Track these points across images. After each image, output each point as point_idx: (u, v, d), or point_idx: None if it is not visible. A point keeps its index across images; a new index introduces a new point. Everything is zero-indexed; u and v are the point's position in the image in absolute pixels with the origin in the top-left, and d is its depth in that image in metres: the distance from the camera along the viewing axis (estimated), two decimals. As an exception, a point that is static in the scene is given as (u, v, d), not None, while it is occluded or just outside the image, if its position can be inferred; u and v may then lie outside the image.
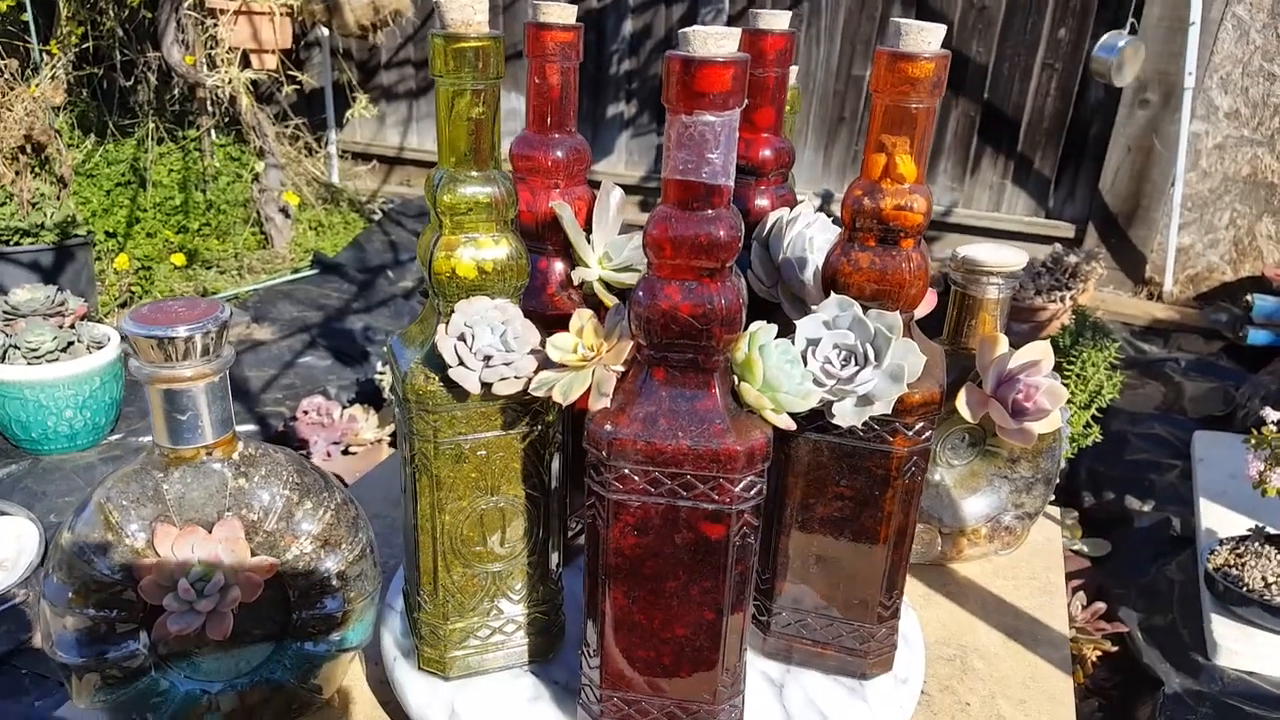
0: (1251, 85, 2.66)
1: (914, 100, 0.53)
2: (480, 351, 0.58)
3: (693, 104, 0.48)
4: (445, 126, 0.57)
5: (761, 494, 0.55)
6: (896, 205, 0.55)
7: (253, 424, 2.14)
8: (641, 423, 0.54)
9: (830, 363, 0.57)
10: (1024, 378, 0.69)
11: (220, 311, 0.54)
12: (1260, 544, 1.44)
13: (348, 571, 0.59)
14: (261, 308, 2.71)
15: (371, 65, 3.71)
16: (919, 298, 0.58)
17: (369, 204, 3.50)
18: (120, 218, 2.96)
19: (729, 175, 0.50)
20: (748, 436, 0.53)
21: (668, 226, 0.51)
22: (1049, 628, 0.77)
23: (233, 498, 0.55)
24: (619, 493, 0.55)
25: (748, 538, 0.56)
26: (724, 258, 0.51)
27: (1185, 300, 2.84)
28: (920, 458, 0.61)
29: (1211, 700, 1.37)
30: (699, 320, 0.52)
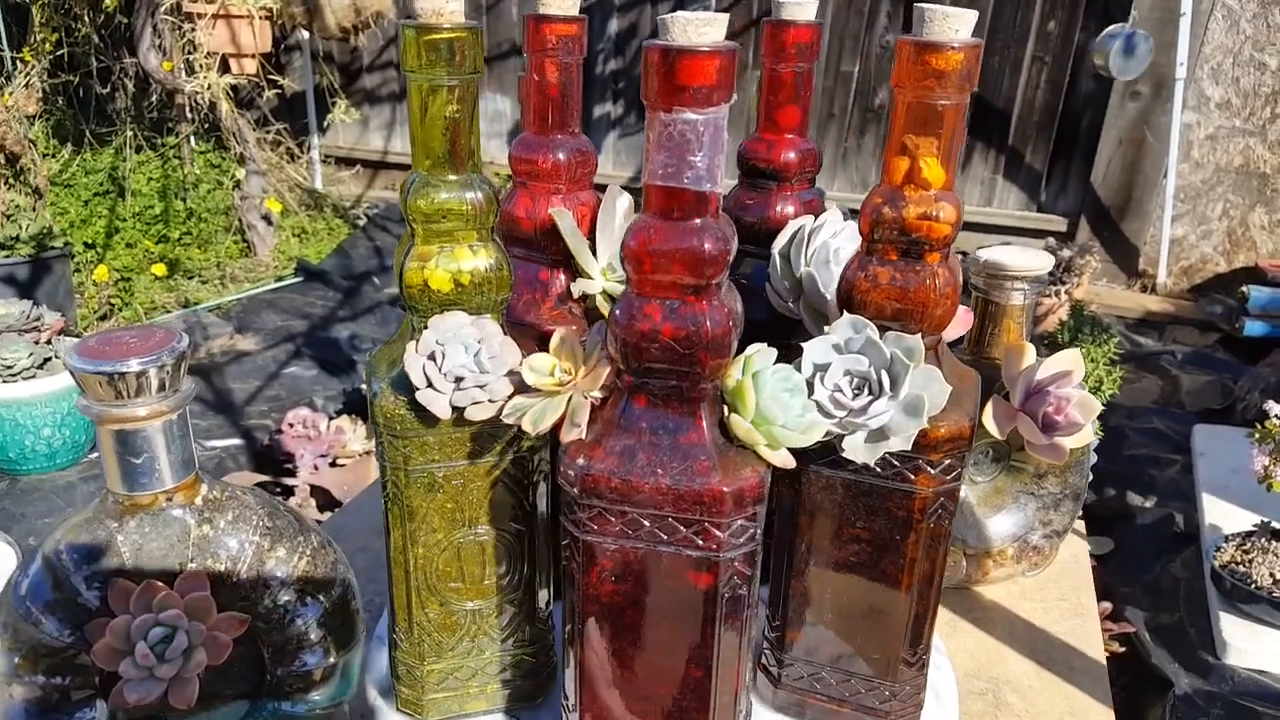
0: (1242, 75, 2.63)
1: (941, 96, 0.47)
2: (451, 373, 0.54)
3: (673, 100, 0.43)
4: (419, 126, 0.53)
5: (755, 540, 0.50)
6: (921, 214, 0.50)
7: (237, 438, 2.10)
8: (618, 457, 0.48)
9: (840, 391, 0.51)
10: (1054, 389, 0.65)
11: (177, 341, 0.49)
12: (1267, 539, 1.42)
13: (328, 623, 0.55)
14: (245, 318, 2.67)
15: (354, 68, 3.66)
16: (946, 318, 0.52)
17: (353, 209, 3.46)
18: (99, 228, 2.92)
19: (716, 180, 0.45)
20: (737, 475, 0.48)
21: (647, 238, 0.45)
22: (1084, 655, 0.73)
23: (196, 547, 0.51)
24: (593, 534, 0.50)
25: (740, 589, 0.50)
26: (711, 274, 0.46)
27: (1179, 292, 2.82)
28: (948, 499, 0.55)
29: (1223, 701, 1.35)
30: (682, 344, 0.46)
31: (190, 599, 0.50)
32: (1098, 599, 1.28)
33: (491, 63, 3.53)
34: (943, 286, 0.51)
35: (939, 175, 0.49)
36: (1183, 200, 2.76)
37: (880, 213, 0.50)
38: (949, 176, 0.50)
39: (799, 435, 0.50)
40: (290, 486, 1.94)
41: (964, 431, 0.53)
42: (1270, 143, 2.66)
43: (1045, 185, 2.98)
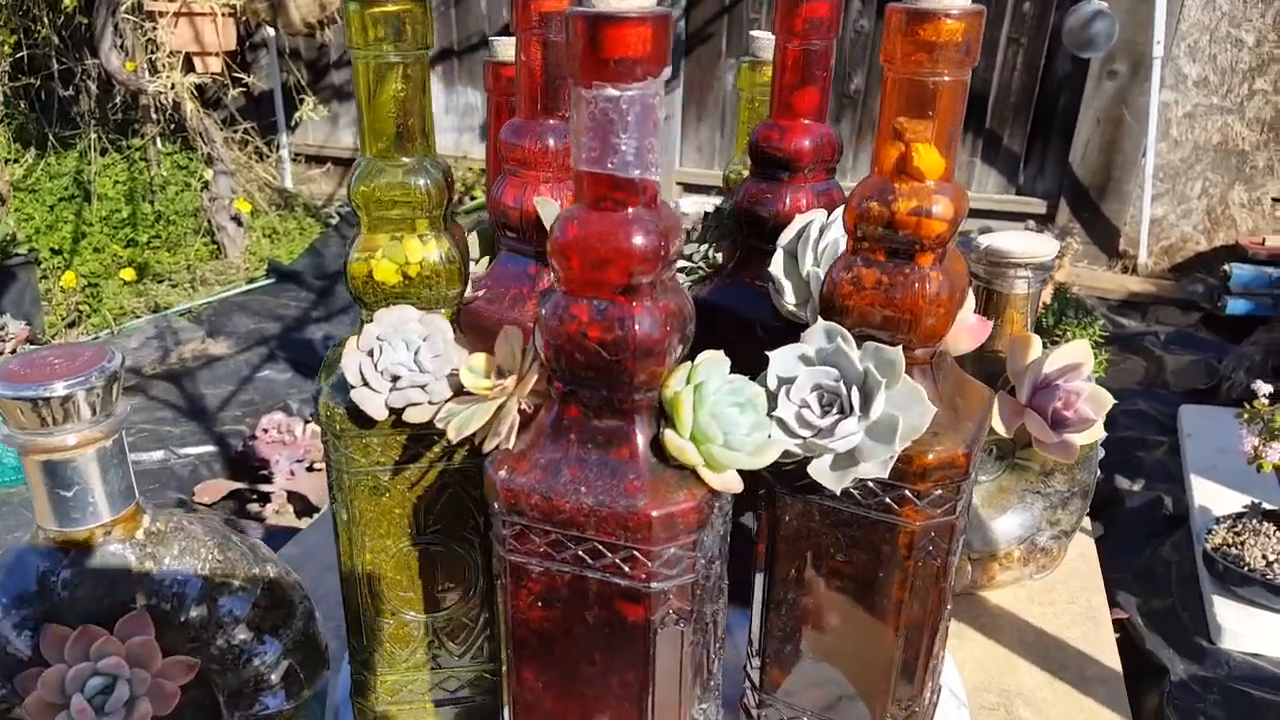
0: (1219, 52, 2.62)
1: (937, 72, 0.42)
2: (388, 371, 0.50)
3: (594, 74, 0.38)
4: (366, 108, 0.50)
5: (696, 571, 0.44)
6: (912, 209, 0.44)
7: (211, 445, 2.06)
8: (542, 471, 0.44)
9: (808, 408, 0.46)
10: (1063, 383, 0.62)
11: (108, 359, 0.45)
12: (1258, 521, 1.41)
13: (289, 660, 0.51)
14: (216, 321, 2.62)
15: (321, 64, 3.60)
16: (941, 328, 0.46)
17: (325, 208, 3.41)
18: (65, 234, 2.86)
19: (647, 166, 0.40)
20: (669, 499, 0.43)
21: (572, 230, 0.41)
22: (1098, 662, 0.70)
23: (139, 585, 0.47)
24: (518, 554, 0.46)
25: (679, 624, 0.45)
26: (641, 270, 0.41)
27: (1160, 272, 2.81)
28: (942, 536, 0.49)
29: (1219, 686, 1.35)
30: (609, 349, 0.42)
31: (132, 644, 0.46)
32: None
33: (462, 56, 3.47)
34: (936, 292, 0.45)
35: (935, 163, 0.44)
36: (1162, 179, 2.75)
37: (866, 207, 0.45)
38: (948, 165, 0.45)
39: (747, 456, 0.44)
40: (266, 493, 1.90)
41: (958, 460, 0.47)
42: (1248, 119, 2.64)
43: (1024, 167, 2.96)
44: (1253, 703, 1.32)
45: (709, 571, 0.46)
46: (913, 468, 0.47)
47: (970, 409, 0.50)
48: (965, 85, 0.43)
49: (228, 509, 1.89)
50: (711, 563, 0.46)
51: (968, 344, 0.53)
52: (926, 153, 0.44)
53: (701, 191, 3.27)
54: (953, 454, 0.47)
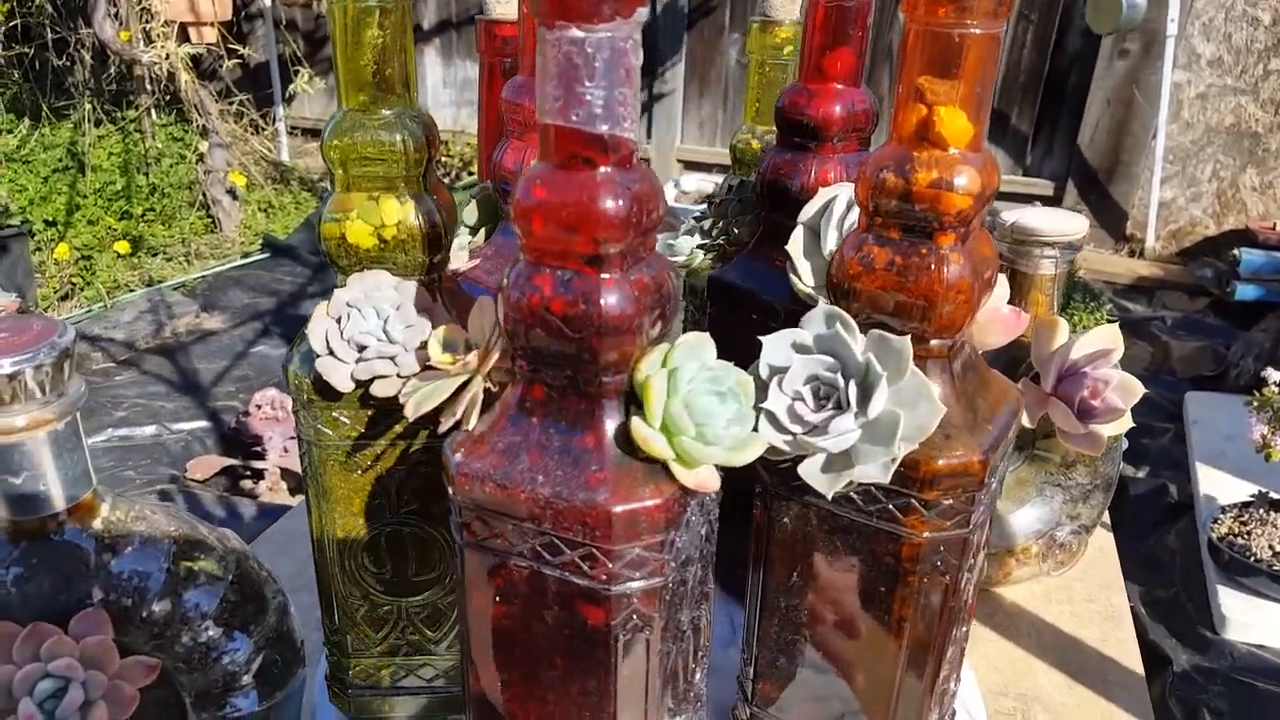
0: (1235, 31, 2.57)
1: (965, 24, 0.37)
2: (354, 340, 0.47)
3: (557, 12, 0.34)
4: (341, 58, 0.47)
5: (665, 574, 0.40)
6: (932, 181, 0.39)
7: (204, 420, 2.04)
8: (500, 456, 0.41)
9: (802, 401, 0.41)
10: (1091, 371, 0.58)
11: (59, 334, 0.41)
12: (1265, 510, 1.39)
13: (261, 658, 0.48)
14: (211, 295, 2.59)
15: (318, 36, 3.55)
16: (959, 317, 0.41)
17: (321, 182, 3.36)
18: (59, 205, 2.82)
19: (617, 120, 0.36)
20: (634, 494, 0.39)
21: (535, 190, 0.37)
22: (1119, 665, 0.67)
23: (96, 579, 0.44)
24: (474, 543, 0.43)
25: (643, 632, 0.41)
26: (610, 238, 0.37)
27: (1168, 256, 2.77)
28: (953, 552, 0.44)
29: (1222, 677, 1.33)
30: (571, 324, 0.38)
31: (87, 644, 0.43)
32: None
33: (461, 28, 3.42)
34: (956, 277, 0.40)
35: (962, 129, 0.39)
36: (1172, 161, 2.70)
37: (881, 178, 0.40)
38: (977, 132, 0.39)
39: (724, 451, 0.40)
40: (260, 470, 1.87)
41: (972, 468, 0.42)
42: (1262, 101, 2.60)
43: (1031, 147, 2.91)
44: (1257, 695, 1.31)
45: (683, 575, 0.42)
46: (919, 474, 0.42)
47: (993, 411, 0.45)
48: (998, 41, 0.38)
49: (220, 485, 1.86)
50: (686, 566, 0.43)
51: (999, 338, 0.48)
52: (951, 117, 0.39)
53: (703, 169, 3.22)
54: (967, 461, 0.42)
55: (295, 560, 0.75)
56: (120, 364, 2.25)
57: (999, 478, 0.46)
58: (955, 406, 0.42)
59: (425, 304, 0.49)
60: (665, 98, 3.21)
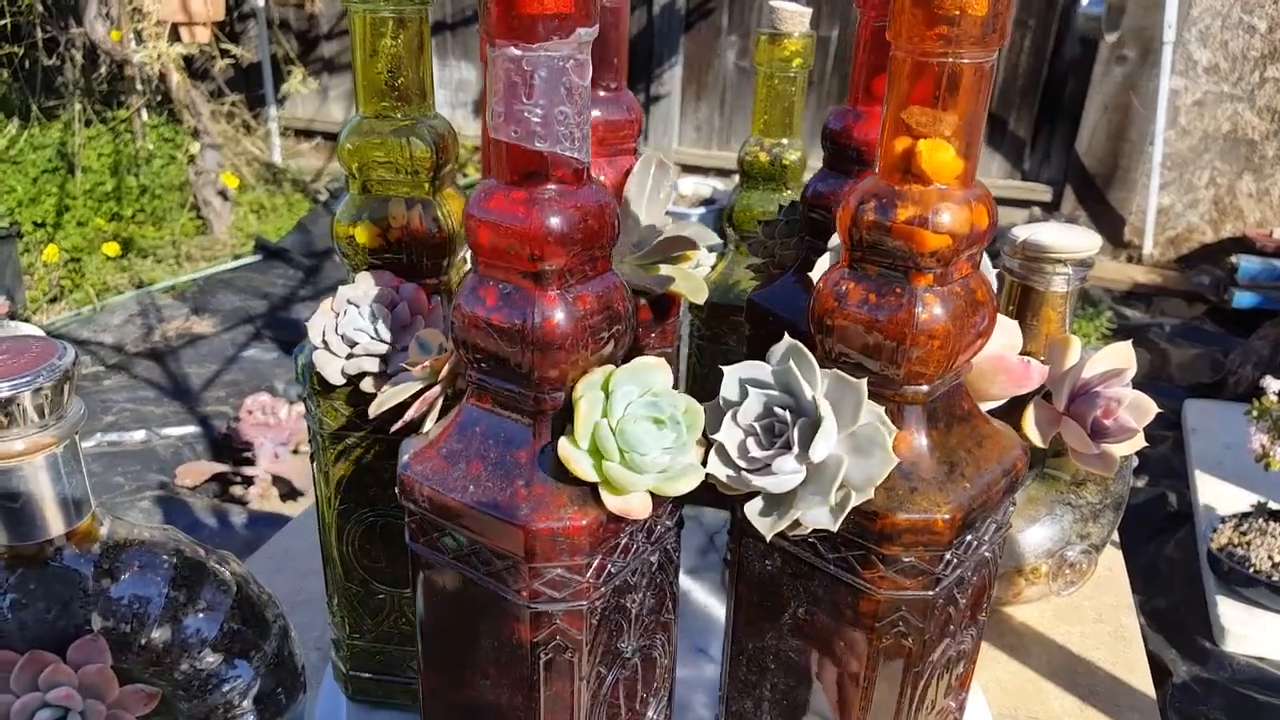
0: (1231, 38, 2.57)
1: (955, 52, 0.35)
2: (348, 336, 0.49)
3: (499, 30, 0.34)
4: (360, 65, 0.49)
5: (591, 598, 0.40)
6: (909, 218, 0.37)
7: (194, 425, 2.01)
8: (442, 461, 0.41)
9: (755, 436, 0.40)
10: (1104, 390, 0.57)
11: (59, 355, 0.40)
12: (1265, 520, 1.39)
13: (261, 685, 0.46)
14: (201, 298, 2.57)
15: (311, 36, 3.53)
16: (932, 366, 0.38)
17: (314, 184, 3.34)
18: (49, 206, 2.79)
19: (556, 139, 0.36)
20: (557, 514, 0.38)
21: (482, 202, 0.38)
22: (1131, 687, 0.66)
23: (94, 605, 0.42)
24: (418, 545, 0.43)
25: (567, 654, 0.41)
26: (548, 256, 0.37)
27: (1166, 263, 2.77)
28: (914, 613, 0.40)
29: (1222, 689, 1.33)
30: (507, 338, 0.38)
31: (86, 672, 0.41)
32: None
33: (456, 29, 3.40)
34: (928, 321, 0.38)
35: (944, 164, 0.36)
36: (1169, 168, 2.70)
37: (860, 211, 0.38)
38: (966, 167, 0.37)
39: (654, 479, 0.39)
40: (250, 476, 1.85)
41: (936, 526, 0.39)
42: (1259, 108, 2.60)
43: (1029, 153, 2.91)
44: (1257, 707, 1.31)
45: (621, 602, 0.42)
46: (877, 526, 0.39)
47: (980, 467, 0.41)
48: (990, 70, 0.36)
49: (210, 492, 1.84)
50: (625, 593, 0.42)
51: (1003, 389, 0.45)
52: (932, 151, 0.36)
53: (700, 172, 3.21)
54: (930, 518, 0.39)
55: (292, 576, 0.73)
56: (109, 368, 2.22)
57: (990, 537, 0.43)
58: (927, 458, 0.40)
59: (422, 306, 0.51)
60: (662, 100, 3.20)
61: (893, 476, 0.39)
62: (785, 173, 0.69)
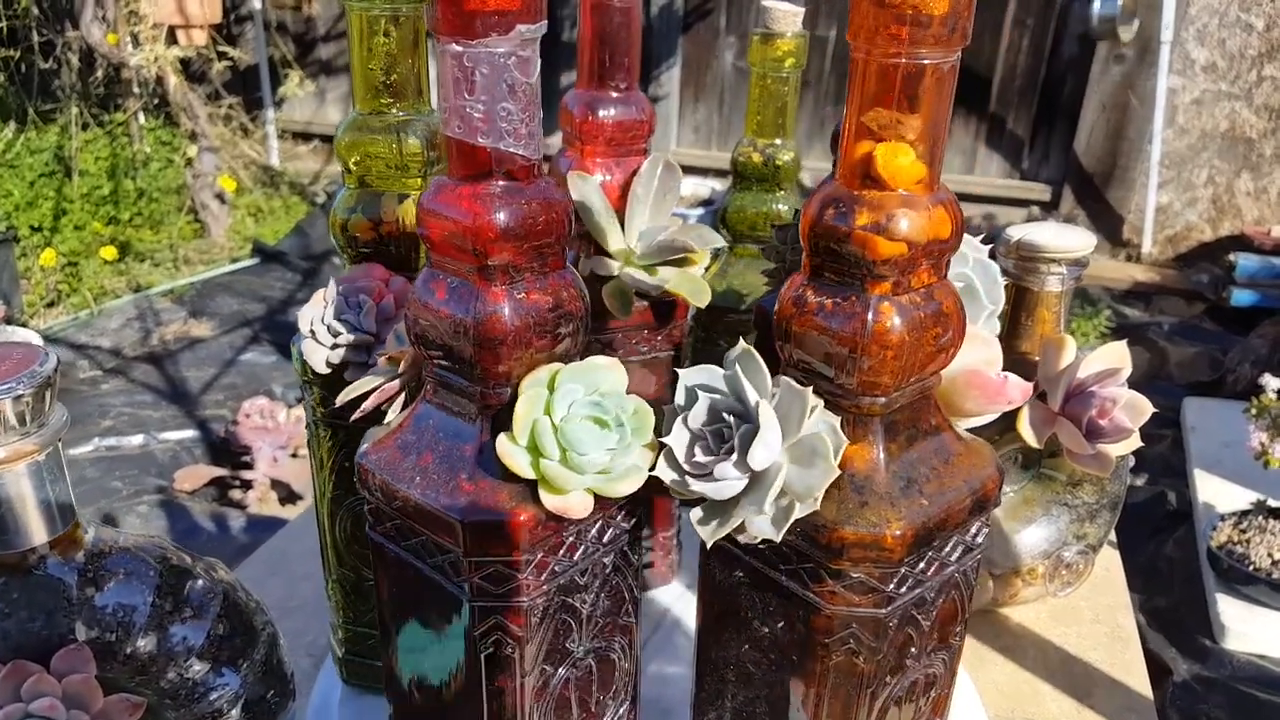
0: (1229, 37, 2.57)
1: (915, 53, 0.34)
2: (332, 326, 0.49)
3: (443, 25, 0.35)
4: (356, 62, 0.50)
5: (529, 595, 0.40)
6: (865, 224, 0.36)
7: (192, 429, 2.01)
8: (397, 452, 0.42)
9: (705, 440, 0.39)
10: (1099, 390, 0.56)
11: (40, 362, 0.40)
12: (1264, 518, 1.39)
13: (249, 693, 0.46)
14: (199, 302, 2.56)
15: (308, 38, 3.53)
16: (884, 377, 0.37)
17: (311, 186, 3.34)
18: (46, 210, 2.78)
19: (499, 135, 0.36)
20: (494, 509, 0.39)
21: (432, 197, 0.39)
22: (1128, 688, 0.65)
23: (78, 614, 0.42)
24: (375, 533, 0.44)
25: (510, 650, 0.41)
26: (492, 251, 0.37)
27: (1164, 262, 2.77)
28: (866, 631, 0.39)
29: (1222, 687, 1.33)
30: (452, 332, 0.39)
31: (70, 682, 0.41)
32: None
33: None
34: (881, 330, 0.36)
35: (902, 168, 0.35)
36: (1167, 167, 2.70)
37: (819, 217, 0.37)
38: (929, 172, 0.36)
39: (594, 479, 0.39)
40: (249, 480, 1.85)
41: (885, 542, 0.37)
42: (1256, 106, 2.59)
43: (1028, 152, 2.91)
44: (1257, 705, 1.30)
45: (569, 601, 0.42)
46: (825, 539, 0.38)
47: (944, 484, 0.40)
48: (953, 72, 0.35)
49: (209, 496, 1.83)
50: (573, 592, 0.42)
51: (978, 405, 0.44)
52: (890, 155, 0.35)
53: (699, 173, 3.21)
54: (879, 533, 0.37)
55: (286, 581, 0.73)
56: (107, 372, 2.22)
57: (959, 559, 0.42)
58: (883, 472, 0.39)
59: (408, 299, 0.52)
60: (660, 101, 3.19)
61: (844, 489, 0.38)
62: (779, 173, 0.69)
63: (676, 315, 0.60)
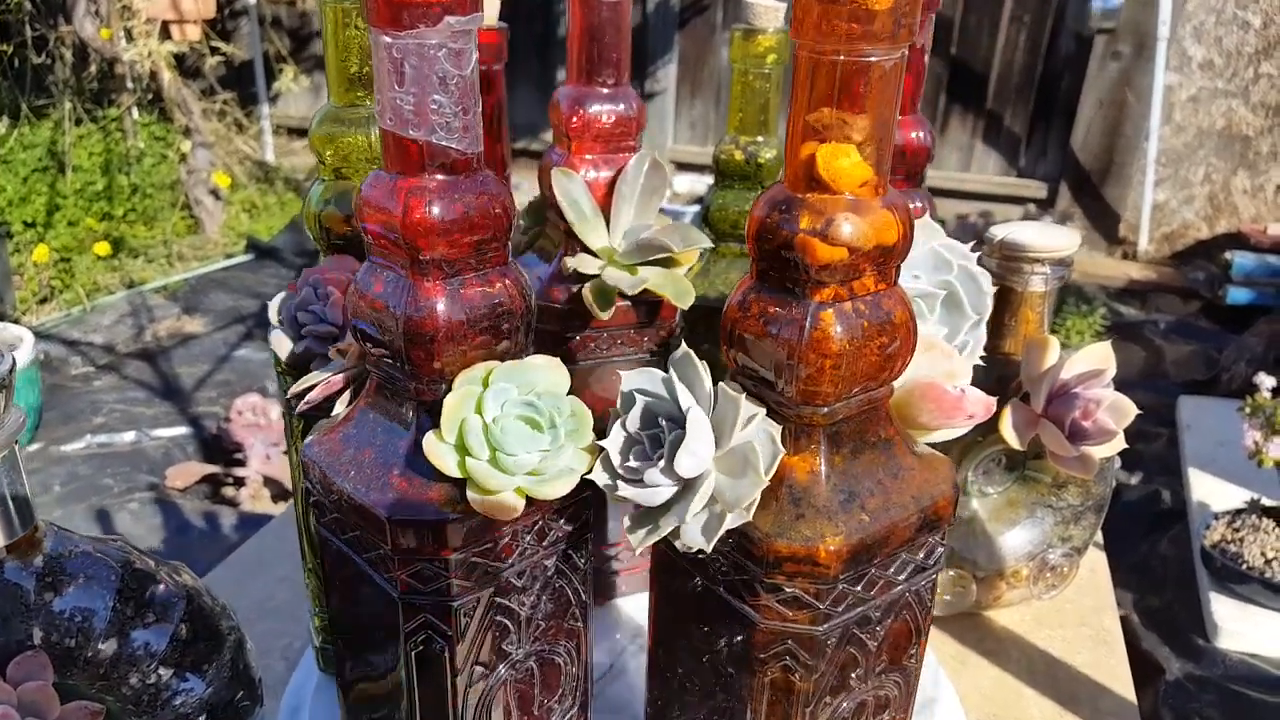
0: (1225, 34, 2.56)
1: (860, 50, 0.32)
2: (297, 317, 0.49)
3: (374, 16, 0.35)
4: (330, 55, 0.50)
5: (454, 596, 0.40)
6: (805, 228, 0.34)
7: (185, 426, 2.00)
8: (338, 445, 0.42)
9: (642, 444, 0.38)
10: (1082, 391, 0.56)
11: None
12: (1258, 517, 1.38)
13: (214, 698, 0.45)
14: (193, 298, 2.55)
15: (304, 34, 3.51)
16: (823, 388, 0.35)
17: (306, 182, 3.32)
18: (39, 206, 2.77)
19: (430, 128, 0.36)
20: (420, 507, 0.38)
21: (367, 189, 0.39)
22: (1112, 693, 0.65)
23: (36, 619, 0.41)
24: (319, 524, 0.44)
25: (440, 649, 0.41)
26: (425, 246, 0.37)
27: (1161, 259, 2.76)
28: (803, 648, 0.38)
29: (1215, 686, 1.32)
30: (386, 327, 0.38)
31: (26, 690, 0.40)
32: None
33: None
34: (822, 339, 0.35)
35: (844, 170, 0.34)
36: (1164, 164, 2.69)
37: (764, 222, 0.36)
38: (875, 177, 0.34)
39: (523, 480, 0.38)
40: (241, 477, 1.84)
41: (819, 557, 0.36)
42: (1253, 104, 2.59)
43: (1025, 149, 2.90)
44: (1250, 704, 1.30)
45: (505, 603, 0.42)
46: (758, 552, 0.37)
47: (889, 501, 0.38)
48: (899, 70, 0.33)
49: (201, 494, 1.83)
50: (513, 594, 0.42)
51: (933, 419, 0.41)
52: (833, 156, 0.34)
53: (695, 170, 3.20)
54: (813, 548, 0.36)
55: (265, 583, 0.72)
56: (99, 368, 2.21)
57: (908, 578, 0.40)
58: (822, 485, 0.37)
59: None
60: (656, 97, 3.18)
61: (780, 500, 0.37)
62: (760, 171, 0.68)
63: (664, 315, 0.59)
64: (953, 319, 0.45)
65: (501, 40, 0.63)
